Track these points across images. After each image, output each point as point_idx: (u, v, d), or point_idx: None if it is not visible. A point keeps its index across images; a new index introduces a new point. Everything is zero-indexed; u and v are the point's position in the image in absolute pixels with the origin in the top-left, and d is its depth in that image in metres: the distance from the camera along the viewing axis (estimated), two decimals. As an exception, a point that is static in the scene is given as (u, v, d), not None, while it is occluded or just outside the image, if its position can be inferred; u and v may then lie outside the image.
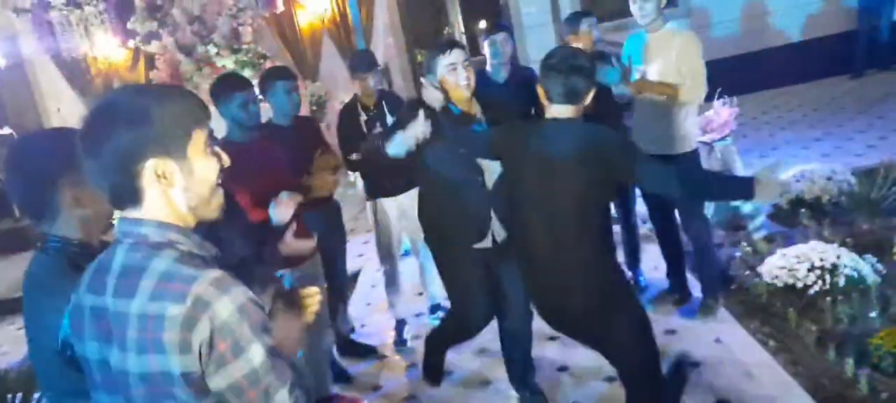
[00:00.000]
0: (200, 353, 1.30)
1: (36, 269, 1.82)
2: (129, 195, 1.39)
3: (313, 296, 1.58)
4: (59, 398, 1.81)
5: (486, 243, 3.23)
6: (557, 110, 2.72)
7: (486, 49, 4.48)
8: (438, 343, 3.58)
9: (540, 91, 2.79)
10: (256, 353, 1.32)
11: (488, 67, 4.49)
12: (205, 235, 1.50)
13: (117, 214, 1.47)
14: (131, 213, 1.41)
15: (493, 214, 3.19)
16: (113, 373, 1.40)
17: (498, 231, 3.21)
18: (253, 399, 1.33)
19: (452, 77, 3.10)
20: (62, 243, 1.78)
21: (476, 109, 3.22)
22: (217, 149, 1.48)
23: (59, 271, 1.73)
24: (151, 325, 1.31)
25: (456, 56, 3.09)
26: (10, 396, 3.94)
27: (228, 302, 1.30)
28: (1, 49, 8.56)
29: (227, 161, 1.49)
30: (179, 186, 1.40)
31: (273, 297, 1.60)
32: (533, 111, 4.12)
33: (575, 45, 4.33)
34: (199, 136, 1.42)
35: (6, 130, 8.76)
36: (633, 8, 3.90)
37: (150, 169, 1.37)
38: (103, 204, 1.77)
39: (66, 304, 1.58)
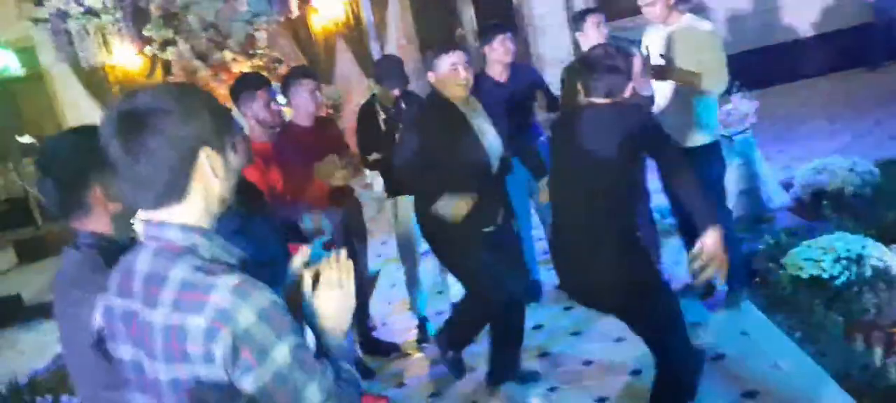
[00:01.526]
0: (225, 362, 1.30)
1: (69, 266, 1.84)
2: (176, 192, 1.38)
3: (347, 264, 1.55)
4: (94, 392, 1.83)
5: (494, 225, 3.46)
6: (595, 99, 2.88)
7: (491, 50, 4.40)
8: (463, 333, 3.70)
9: (579, 86, 2.94)
10: (281, 354, 1.31)
11: (488, 68, 4.44)
12: (238, 232, 1.52)
13: (139, 216, 1.46)
14: (156, 216, 1.41)
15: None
16: (146, 376, 1.41)
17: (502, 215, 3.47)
18: (283, 399, 1.33)
19: (454, 76, 3.35)
20: (94, 239, 1.80)
21: (475, 106, 3.46)
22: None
23: (93, 266, 1.74)
24: (175, 336, 1.32)
25: (458, 57, 3.37)
26: (39, 399, 3.99)
27: (248, 310, 1.30)
28: (20, 59, 8.64)
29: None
30: (221, 178, 1.42)
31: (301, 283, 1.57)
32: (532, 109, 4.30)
33: (583, 42, 4.36)
34: (230, 132, 1.46)
35: (26, 139, 8.84)
36: (644, 10, 3.91)
37: (204, 160, 1.38)
38: None
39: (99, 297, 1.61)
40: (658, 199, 4.67)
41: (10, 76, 9.01)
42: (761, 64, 8.65)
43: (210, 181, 1.41)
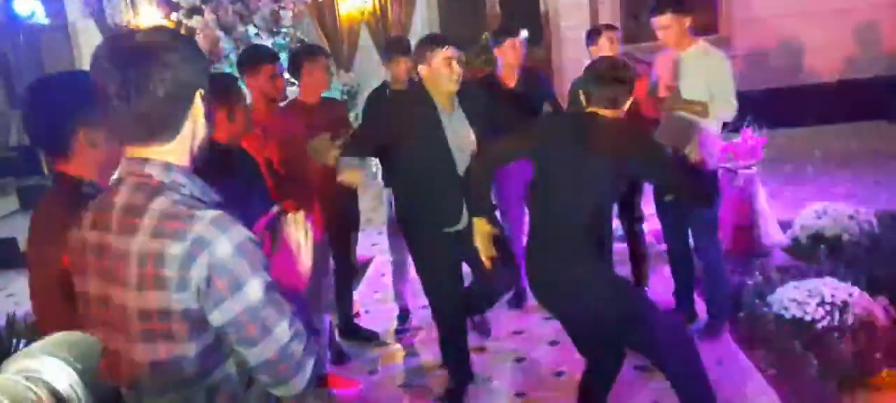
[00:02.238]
0: (198, 290, 1.34)
1: (46, 205, 1.87)
2: (170, 128, 1.43)
3: (299, 221, 1.59)
4: (54, 330, 1.85)
5: (461, 224, 3.40)
6: (598, 110, 2.91)
7: (501, 51, 4.40)
8: (455, 349, 3.64)
9: (581, 95, 2.99)
10: (254, 289, 1.36)
11: (498, 70, 4.44)
12: (224, 191, 1.55)
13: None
14: (142, 152, 1.44)
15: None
16: (112, 309, 1.43)
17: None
18: (252, 332, 1.37)
19: (446, 70, 3.31)
20: (75, 181, 1.83)
21: (454, 104, 3.41)
22: None
23: (70, 206, 1.77)
24: (152, 263, 1.35)
25: (452, 51, 3.33)
26: (15, 340, 4.03)
27: (226, 241, 1.34)
28: (47, 9, 8.73)
29: None
30: (202, 119, 1.48)
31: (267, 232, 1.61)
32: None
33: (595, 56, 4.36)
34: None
35: (44, 88, 8.92)
36: (658, 34, 3.92)
37: (198, 101, 1.44)
38: (117, 148, 1.82)
39: None
40: (653, 224, 4.67)
41: (35, 24, 9.09)
42: (777, 104, 8.57)
43: (199, 122, 1.46)
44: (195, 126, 1.46)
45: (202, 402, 1.41)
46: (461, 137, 3.39)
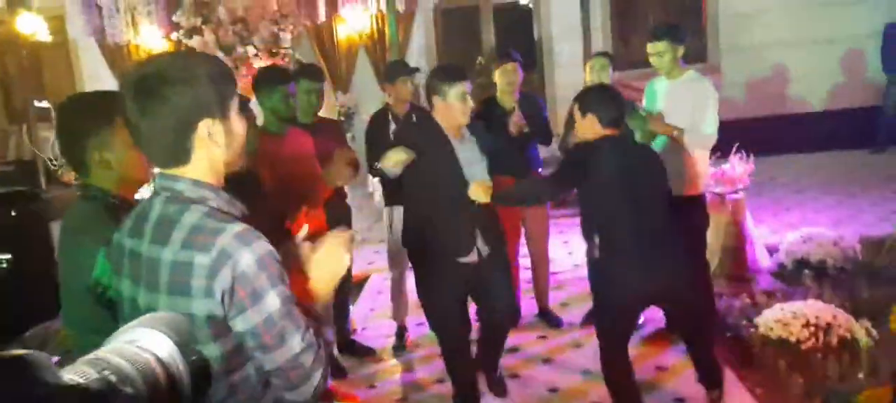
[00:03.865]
0: (223, 299, 1.44)
1: (75, 214, 1.99)
2: (179, 154, 1.51)
3: (347, 237, 1.71)
4: (82, 334, 1.96)
5: (472, 257, 3.40)
6: (608, 132, 3.22)
7: (496, 77, 4.54)
8: (459, 370, 3.64)
9: (591, 117, 3.21)
10: (272, 301, 1.45)
11: (498, 94, 4.58)
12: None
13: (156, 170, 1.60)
14: (170, 170, 1.54)
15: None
16: (140, 310, 1.53)
17: (482, 246, 3.41)
18: (268, 341, 1.47)
19: (461, 104, 3.34)
20: (101, 192, 1.95)
21: (465, 135, 3.47)
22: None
23: (97, 216, 1.89)
24: (181, 272, 1.46)
25: (467, 85, 3.38)
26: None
27: (248, 254, 1.44)
28: (48, 26, 8.82)
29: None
30: (222, 144, 1.54)
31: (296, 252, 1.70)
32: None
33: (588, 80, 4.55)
34: (235, 98, 1.58)
35: (45, 104, 9.00)
36: (651, 59, 4.07)
37: (203, 128, 1.50)
38: (131, 167, 1.95)
39: (100, 246, 1.76)
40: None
41: (37, 42, 9.20)
42: (763, 133, 8.75)
43: (211, 149, 1.53)
44: (208, 151, 1.52)
45: (224, 396, 1.52)
46: (475, 168, 3.41)
